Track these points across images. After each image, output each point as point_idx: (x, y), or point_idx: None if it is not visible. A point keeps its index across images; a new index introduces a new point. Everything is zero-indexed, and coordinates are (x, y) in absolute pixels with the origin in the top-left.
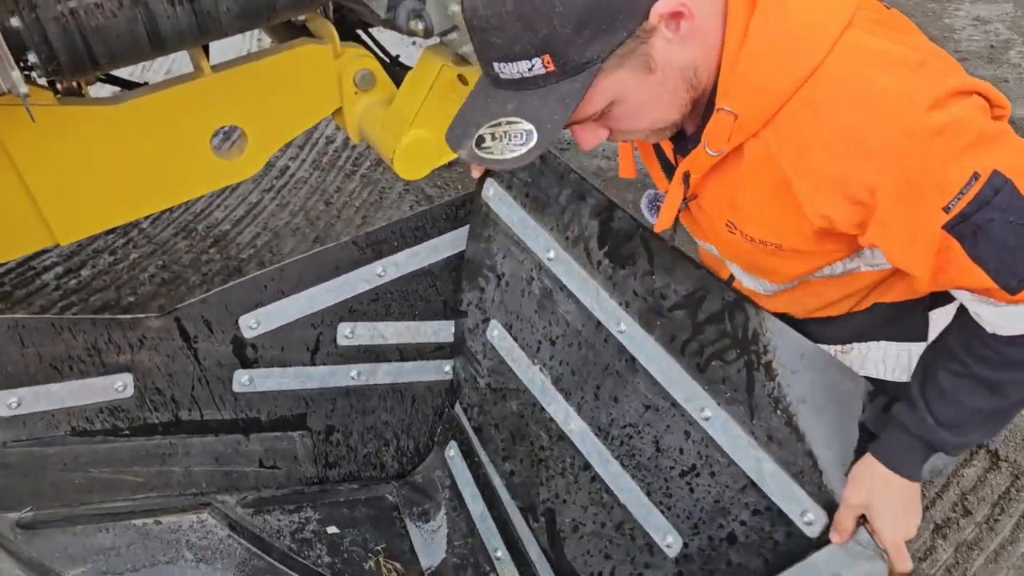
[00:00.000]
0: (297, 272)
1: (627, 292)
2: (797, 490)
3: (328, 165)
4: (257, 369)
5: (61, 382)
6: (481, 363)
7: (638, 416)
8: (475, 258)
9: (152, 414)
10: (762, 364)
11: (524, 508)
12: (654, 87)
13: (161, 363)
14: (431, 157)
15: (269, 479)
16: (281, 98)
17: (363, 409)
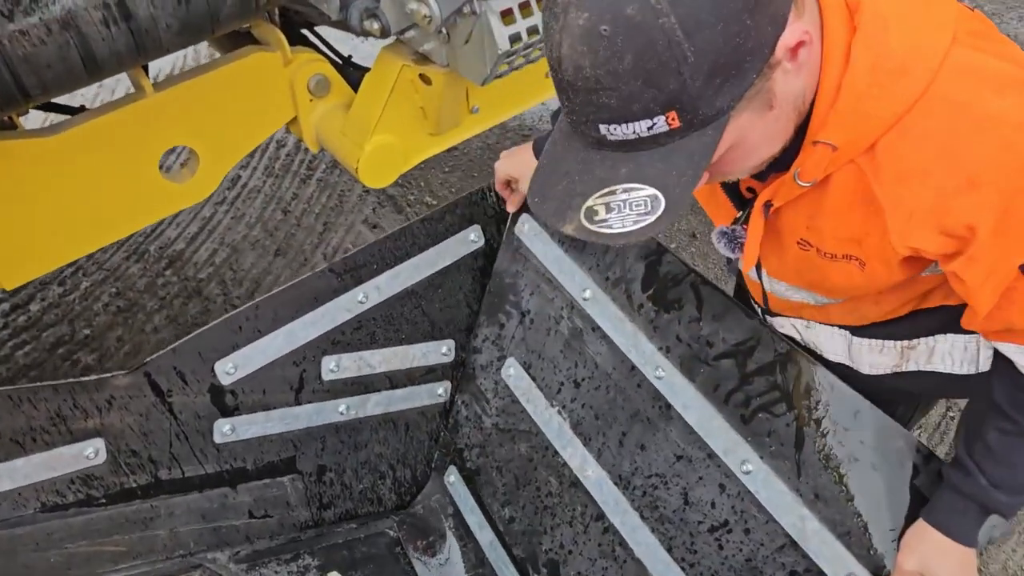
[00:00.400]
0: (273, 308)
1: (670, 337)
2: (843, 551)
3: (281, 171)
4: (239, 416)
5: (25, 457)
6: (490, 402)
7: (667, 466)
8: (498, 293)
9: (129, 478)
10: (813, 419)
11: (524, 558)
12: (770, 124)
13: (134, 423)
14: (397, 163)
15: (261, 529)
16: (231, 113)
17: (355, 444)
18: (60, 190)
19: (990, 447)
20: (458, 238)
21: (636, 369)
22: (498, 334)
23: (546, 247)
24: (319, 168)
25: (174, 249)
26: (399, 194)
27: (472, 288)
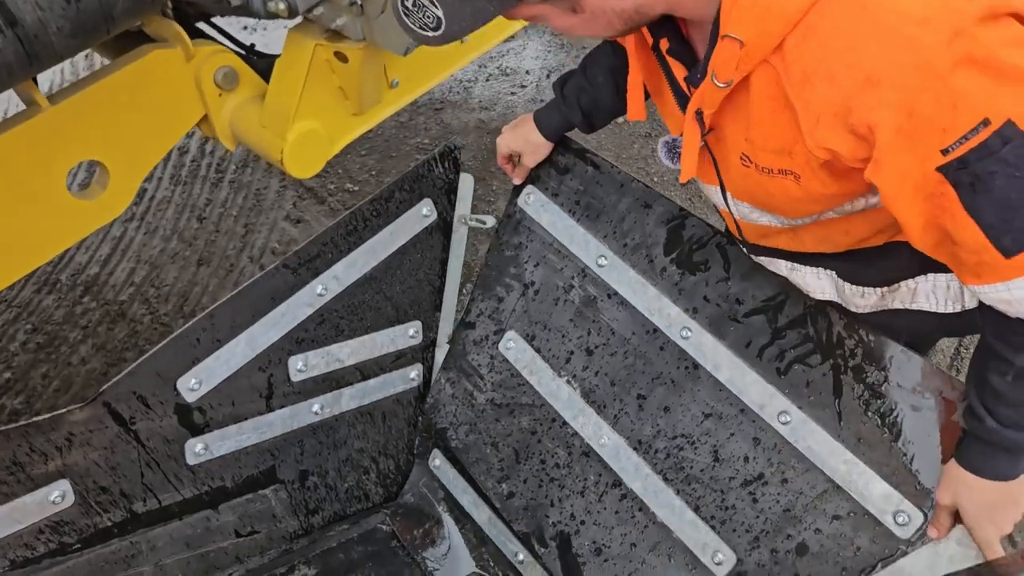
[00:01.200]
0: (229, 315)
1: (696, 298)
2: (890, 491)
3: (189, 178)
4: (210, 433)
5: None
6: (484, 377)
7: (694, 425)
8: (497, 266)
9: (102, 517)
10: (850, 367)
11: (528, 533)
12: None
13: (99, 458)
14: (323, 149)
15: (251, 548)
16: (136, 118)
17: (334, 443)
18: None
19: (995, 390)
20: (410, 214)
21: (659, 332)
22: (496, 308)
23: (555, 217)
24: (229, 170)
25: (88, 274)
26: (318, 184)
27: (431, 264)
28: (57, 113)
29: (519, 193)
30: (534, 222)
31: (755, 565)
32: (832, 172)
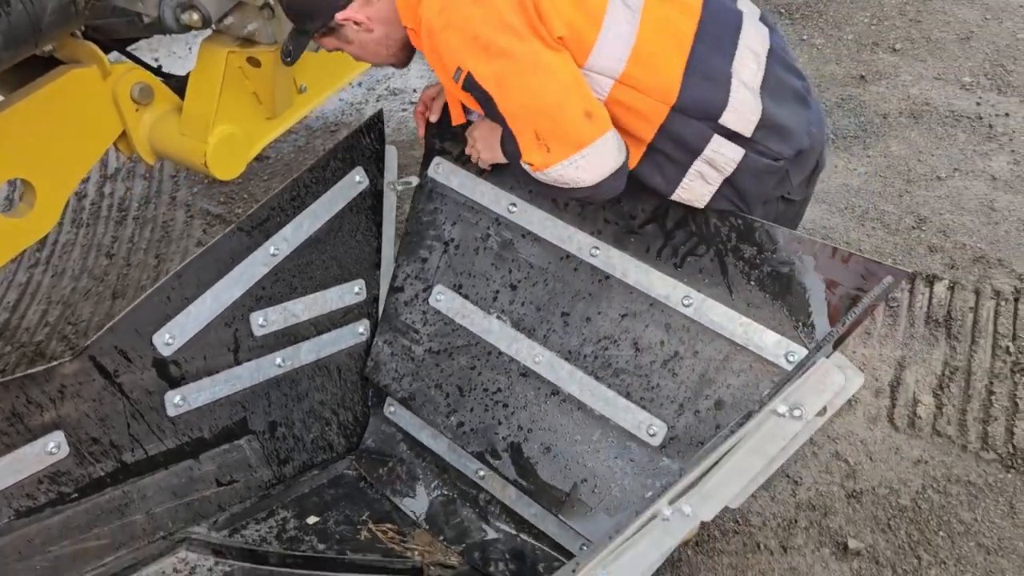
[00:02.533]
0: (194, 274)
1: (598, 221)
2: (778, 338)
3: (91, 219)
4: (186, 386)
5: None
6: (420, 331)
7: (614, 326)
8: (416, 232)
9: (95, 467)
10: (730, 249)
11: (481, 451)
12: (356, 49)
13: (89, 409)
14: (243, 151)
15: (231, 496)
16: (59, 136)
17: (296, 395)
18: None
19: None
20: (345, 181)
21: (571, 256)
22: (421, 268)
23: (463, 179)
24: (131, 208)
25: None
26: (225, 211)
27: (368, 227)
28: None
29: (428, 166)
30: (445, 187)
31: (683, 428)
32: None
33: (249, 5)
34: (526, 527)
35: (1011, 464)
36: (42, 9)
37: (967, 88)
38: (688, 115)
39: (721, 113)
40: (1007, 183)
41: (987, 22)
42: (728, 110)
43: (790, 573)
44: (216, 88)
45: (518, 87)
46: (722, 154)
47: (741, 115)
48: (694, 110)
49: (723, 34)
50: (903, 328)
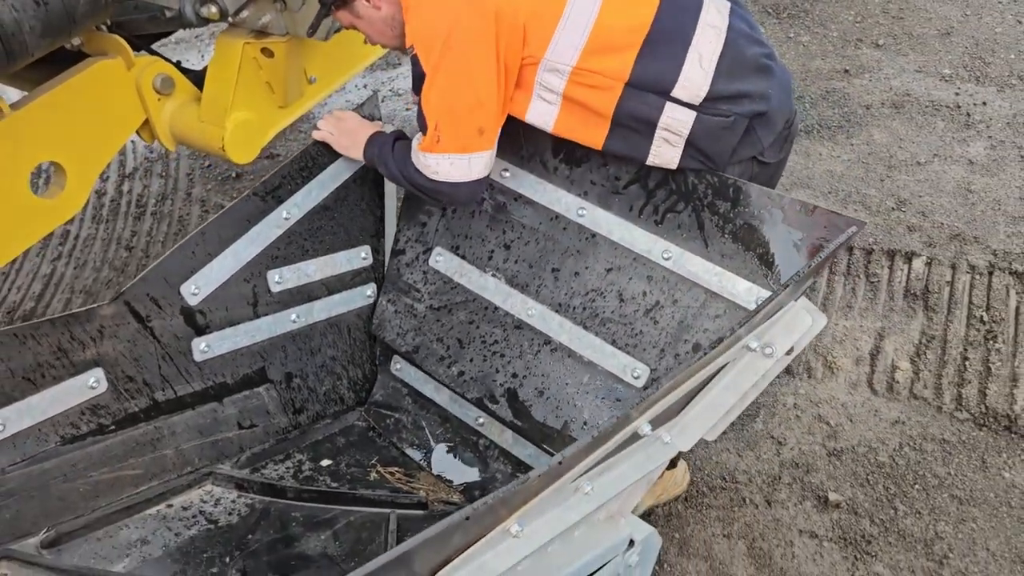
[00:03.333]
0: (216, 232)
1: (584, 184)
2: (749, 285)
3: (110, 216)
4: (211, 334)
5: (38, 393)
6: (421, 290)
7: (600, 280)
8: (414, 199)
9: (131, 403)
10: (706, 205)
11: (479, 398)
12: (366, 26)
13: (124, 349)
14: (257, 136)
15: (250, 439)
16: (88, 122)
17: (310, 349)
18: None
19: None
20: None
21: (560, 216)
22: (420, 232)
23: None
24: (149, 204)
25: (24, 309)
26: None
27: (372, 197)
28: (21, 117)
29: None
30: None
31: (664, 370)
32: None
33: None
34: (522, 467)
35: (983, 423)
36: (76, 1)
37: (947, 79)
38: (642, 89)
39: (672, 87)
40: (984, 167)
41: (967, 18)
42: (678, 86)
43: (774, 523)
44: (233, 77)
45: (443, 83)
46: (676, 119)
47: (689, 90)
48: (647, 85)
49: (683, 15)
50: (883, 301)
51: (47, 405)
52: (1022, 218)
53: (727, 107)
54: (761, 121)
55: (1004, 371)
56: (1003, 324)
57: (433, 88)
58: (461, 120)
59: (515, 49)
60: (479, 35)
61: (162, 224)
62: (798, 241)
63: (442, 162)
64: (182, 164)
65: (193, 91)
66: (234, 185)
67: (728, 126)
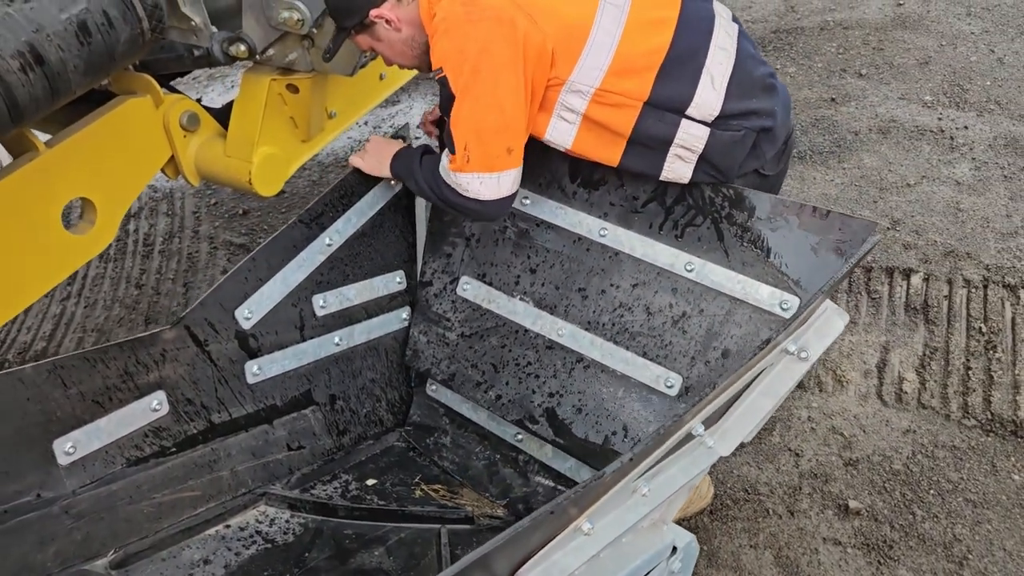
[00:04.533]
0: (265, 259)
1: (604, 205)
2: (772, 290)
3: (117, 255)
4: (262, 357)
5: (106, 415)
6: (451, 319)
7: (627, 296)
8: (439, 231)
9: (189, 425)
10: (724, 217)
11: (520, 420)
12: (385, 48)
13: (184, 373)
14: (282, 170)
15: (299, 460)
16: (118, 159)
17: (352, 372)
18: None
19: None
20: (383, 184)
21: (583, 238)
22: (446, 263)
23: None
24: (156, 243)
25: (35, 350)
26: (248, 241)
27: (404, 224)
28: (55, 155)
29: None
30: None
31: (696, 377)
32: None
33: (291, 36)
34: (563, 480)
35: (990, 429)
36: (116, 40)
37: (928, 106)
38: (660, 108)
39: (688, 106)
40: (970, 187)
41: (943, 48)
42: (693, 105)
43: (798, 533)
44: (259, 112)
45: (471, 105)
46: (691, 134)
47: (703, 108)
48: (665, 104)
49: (697, 37)
50: (885, 316)
51: (114, 427)
52: (1010, 234)
53: (738, 123)
54: (766, 136)
55: (1006, 379)
56: (1001, 335)
57: (462, 110)
58: (489, 141)
59: (542, 72)
60: (508, 59)
61: (171, 261)
62: (815, 245)
63: (472, 181)
64: (187, 202)
65: (217, 127)
66: (241, 222)
67: (739, 140)
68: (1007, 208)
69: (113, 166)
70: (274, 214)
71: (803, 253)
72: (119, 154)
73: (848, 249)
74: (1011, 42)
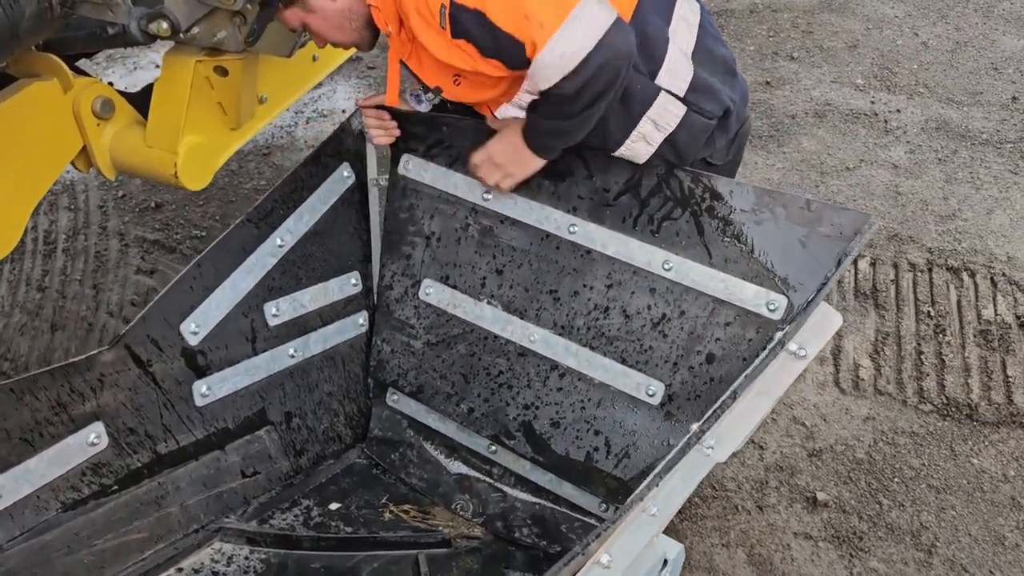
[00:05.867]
0: (211, 264)
1: (572, 199)
2: (758, 289)
3: (15, 255)
4: (211, 376)
5: (36, 455)
6: (415, 325)
7: (602, 297)
8: (396, 230)
9: (132, 458)
10: (704, 210)
11: (495, 435)
12: (319, 22)
13: (125, 399)
14: (211, 161)
15: (254, 488)
16: (22, 152)
17: (308, 385)
18: None
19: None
20: (335, 177)
21: (551, 235)
22: (406, 265)
23: (434, 173)
24: (59, 240)
25: None
26: (163, 237)
27: (357, 221)
28: None
29: (397, 164)
30: (418, 183)
31: (680, 384)
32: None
33: (221, 13)
34: (543, 493)
35: (946, 413)
36: (20, 14)
37: (861, 89)
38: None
39: (657, 72)
40: (907, 170)
41: (869, 31)
42: (663, 71)
43: (769, 528)
44: (184, 98)
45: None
46: (668, 110)
47: (675, 76)
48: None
49: (660, 9)
50: (835, 302)
51: (46, 468)
52: (948, 217)
53: (709, 107)
54: (721, 124)
55: (957, 362)
56: (948, 317)
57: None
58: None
59: None
60: None
61: (77, 261)
62: (802, 238)
63: (565, 38)
64: (92, 195)
65: (134, 114)
66: (154, 216)
67: (708, 128)
68: (943, 191)
69: (16, 160)
70: (191, 207)
71: (790, 248)
72: (23, 146)
73: (839, 244)
74: (933, 26)
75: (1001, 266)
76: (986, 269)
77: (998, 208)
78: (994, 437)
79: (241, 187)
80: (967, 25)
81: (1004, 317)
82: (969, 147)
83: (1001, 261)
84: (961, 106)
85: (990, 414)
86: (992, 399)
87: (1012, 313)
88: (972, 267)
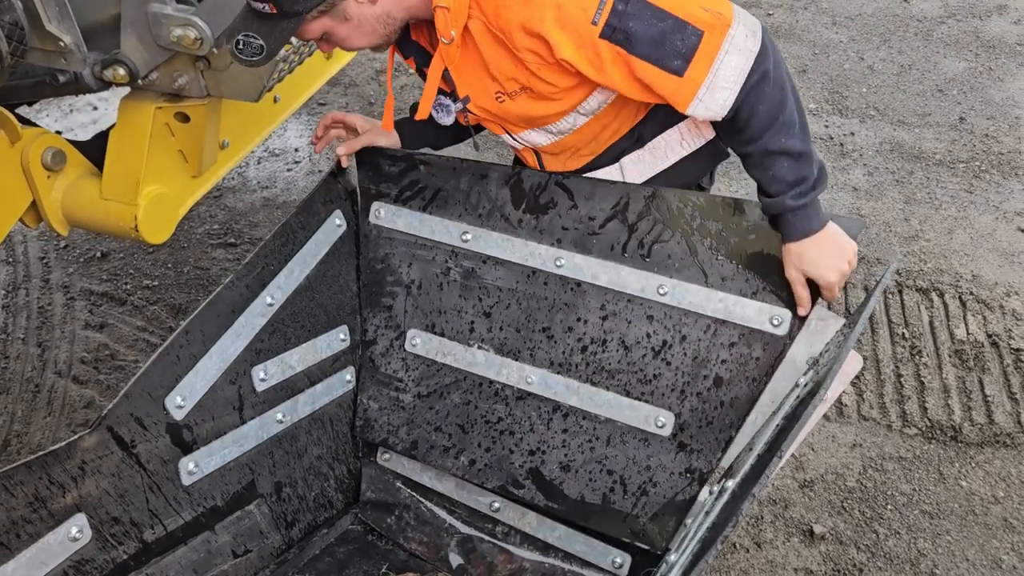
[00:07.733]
0: (199, 329)
1: (556, 231)
2: (760, 305)
3: None
4: (198, 451)
5: (13, 559)
6: (404, 379)
7: (597, 329)
8: (374, 281)
9: (117, 550)
10: (695, 229)
11: (502, 486)
12: (349, 29)
13: (109, 486)
14: (172, 212)
15: (247, 568)
16: None
17: (297, 451)
18: None
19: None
20: (326, 227)
21: (538, 271)
22: (388, 317)
23: (409, 219)
24: None
25: None
26: (111, 288)
27: (348, 271)
28: None
29: (368, 213)
30: (392, 231)
31: (689, 412)
32: (545, 71)
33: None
34: (551, 551)
35: (931, 436)
36: None
37: (814, 113)
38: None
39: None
40: (867, 192)
41: (816, 56)
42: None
43: (769, 566)
44: (143, 146)
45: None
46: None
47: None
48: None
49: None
50: None
51: (25, 572)
52: (912, 238)
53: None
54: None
55: (935, 383)
56: (923, 338)
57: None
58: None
59: None
60: None
61: (19, 318)
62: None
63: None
64: (31, 246)
65: (86, 165)
66: (100, 266)
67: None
68: (904, 212)
69: None
70: (140, 255)
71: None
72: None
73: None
74: (877, 50)
75: (967, 284)
76: (954, 289)
77: (958, 227)
78: (980, 458)
79: (193, 231)
80: (909, 49)
81: (976, 336)
82: (924, 168)
83: (967, 280)
84: (912, 127)
85: (974, 435)
86: (974, 419)
87: (983, 331)
88: (940, 287)
